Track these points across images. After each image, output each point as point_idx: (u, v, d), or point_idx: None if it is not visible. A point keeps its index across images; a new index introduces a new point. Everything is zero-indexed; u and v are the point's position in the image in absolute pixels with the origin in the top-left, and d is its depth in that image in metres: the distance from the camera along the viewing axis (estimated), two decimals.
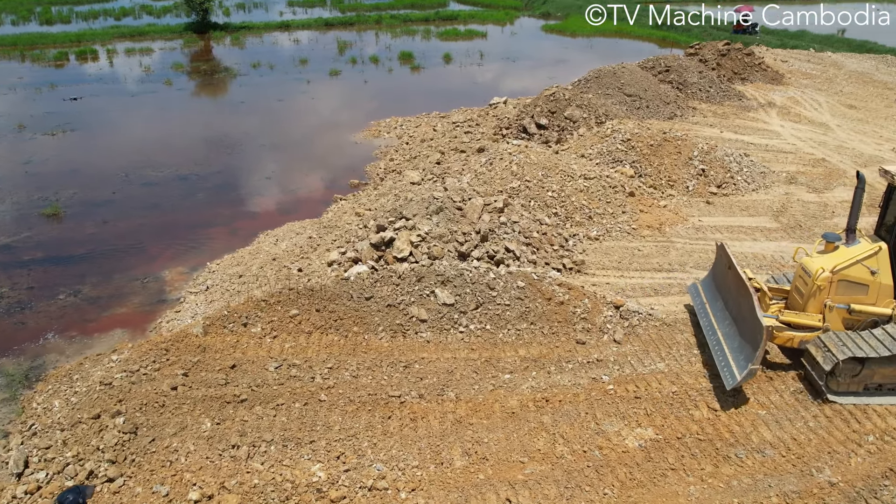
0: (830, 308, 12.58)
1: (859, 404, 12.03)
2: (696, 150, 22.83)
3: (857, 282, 12.43)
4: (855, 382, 12.14)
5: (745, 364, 11.81)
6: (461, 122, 29.98)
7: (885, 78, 38.92)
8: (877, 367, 11.98)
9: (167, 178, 25.32)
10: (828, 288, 12.50)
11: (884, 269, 12.36)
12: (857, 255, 12.41)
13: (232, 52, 50.91)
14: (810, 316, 12.84)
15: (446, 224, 16.22)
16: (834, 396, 12.13)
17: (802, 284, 12.99)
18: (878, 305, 12.52)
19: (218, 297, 16.47)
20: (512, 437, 11.26)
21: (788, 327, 12.94)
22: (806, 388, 12.46)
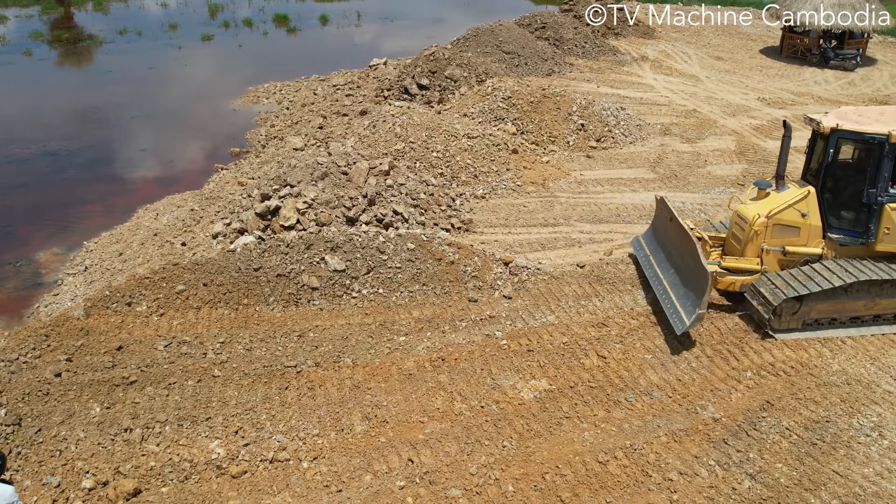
0: (767, 251, 13.45)
1: (800, 339, 13.01)
2: (574, 105, 23.32)
3: (790, 225, 13.33)
4: (795, 319, 13.07)
5: (693, 309, 12.44)
6: (342, 84, 29.57)
7: (749, 30, 40.77)
8: (813, 304, 12.93)
9: (34, 154, 23.94)
10: (764, 232, 13.34)
11: (813, 212, 13.27)
12: (789, 199, 13.28)
13: (95, 18, 48.30)
14: (749, 260, 13.68)
15: (332, 189, 16.06)
16: (777, 334, 13.03)
17: (739, 230, 13.78)
18: (809, 246, 13.46)
19: (98, 278, 15.83)
20: (410, 399, 11.37)
21: (729, 272, 13.76)
22: (748, 326, 13.34)
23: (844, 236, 13.36)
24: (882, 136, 12.44)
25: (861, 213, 13.10)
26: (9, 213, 19.86)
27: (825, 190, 13.38)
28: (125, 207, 19.85)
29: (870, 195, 12.81)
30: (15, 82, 33.07)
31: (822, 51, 33.35)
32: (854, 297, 13.06)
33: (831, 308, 13.11)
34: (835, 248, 13.47)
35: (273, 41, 41.70)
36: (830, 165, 13.13)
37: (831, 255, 13.46)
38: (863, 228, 13.12)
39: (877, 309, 13.29)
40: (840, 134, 12.80)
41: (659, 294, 13.74)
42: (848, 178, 13.41)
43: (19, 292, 16.20)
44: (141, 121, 27.43)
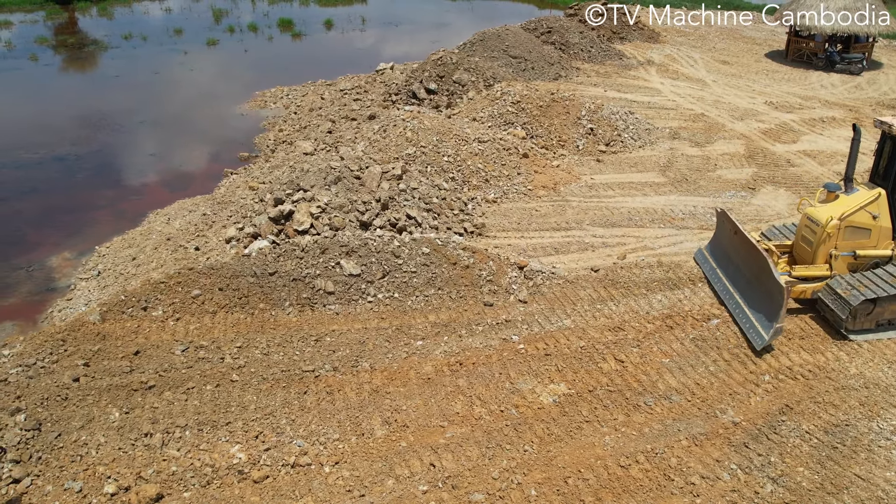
0: (835, 257, 13.57)
1: (872, 339, 13.11)
2: (583, 109, 23.35)
3: (861, 227, 13.46)
4: (869, 320, 13.14)
5: (770, 324, 12.50)
6: (349, 89, 29.59)
7: (753, 34, 40.74)
8: (887, 305, 13.01)
9: (43, 160, 23.93)
10: (836, 234, 13.43)
11: (884, 214, 13.42)
12: (860, 201, 13.39)
13: (100, 23, 48.32)
14: (819, 267, 13.80)
15: (345, 194, 16.06)
16: (853, 335, 13.11)
17: (811, 234, 13.83)
18: (879, 248, 13.61)
19: (112, 282, 15.83)
20: (430, 403, 11.37)
21: (800, 280, 13.82)
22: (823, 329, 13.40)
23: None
24: None
25: None
26: (19, 218, 19.86)
27: (895, 192, 13.50)
28: (136, 212, 19.85)
29: None
30: (21, 87, 33.06)
31: (828, 55, 33.38)
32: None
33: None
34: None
35: (278, 46, 41.74)
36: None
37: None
38: None
39: None
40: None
41: (732, 309, 13.74)
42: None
43: (32, 297, 16.20)
44: (148, 125, 27.43)
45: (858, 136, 13.61)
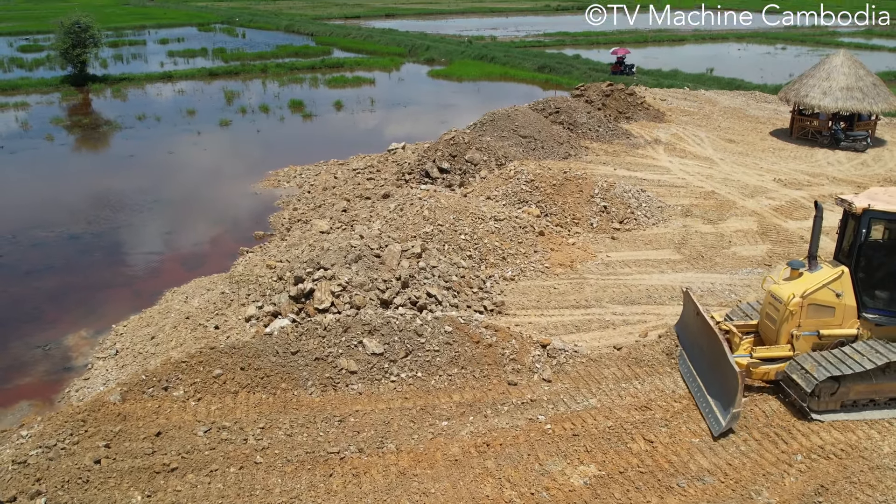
0: (797, 336, 13.37)
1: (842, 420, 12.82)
2: (596, 188, 23.58)
3: (824, 305, 13.26)
4: (833, 401, 12.89)
5: (727, 410, 12.31)
6: (361, 168, 29.95)
7: (756, 113, 41.37)
8: (851, 385, 12.80)
9: (59, 238, 24.13)
10: (799, 312, 13.25)
11: (847, 292, 13.24)
12: (823, 279, 13.25)
13: (114, 104, 49.27)
14: (781, 348, 13.60)
15: (366, 272, 16.08)
16: (817, 416, 12.83)
17: (774, 311, 13.68)
18: (844, 327, 13.38)
19: (130, 361, 15.73)
20: (458, 485, 11.14)
21: (763, 361, 13.60)
22: (789, 410, 13.13)
23: (880, 316, 13.29)
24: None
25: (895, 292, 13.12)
26: (34, 296, 19.90)
27: (859, 269, 13.35)
28: (152, 290, 19.87)
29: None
30: (38, 166, 33.51)
31: (833, 132, 33.86)
32: (892, 378, 12.91)
33: (869, 389, 12.94)
34: (871, 328, 13.36)
35: (290, 126, 42.43)
36: (863, 245, 13.16)
37: (867, 336, 13.34)
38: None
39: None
40: (872, 214, 12.85)
41: (694, 392, 13.57)
42: (882, 258, 13.45)
43: (49, 376, 16.11)
44: (163, 204, 27.69)
45: (820, 213, 13.49)
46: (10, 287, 20.46)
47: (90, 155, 37.71)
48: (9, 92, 51.55)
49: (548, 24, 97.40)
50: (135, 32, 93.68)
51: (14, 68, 62.82)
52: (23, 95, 50.78)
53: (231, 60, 67.25)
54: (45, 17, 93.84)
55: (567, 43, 78.03)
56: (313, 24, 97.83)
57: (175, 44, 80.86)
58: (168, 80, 57.94)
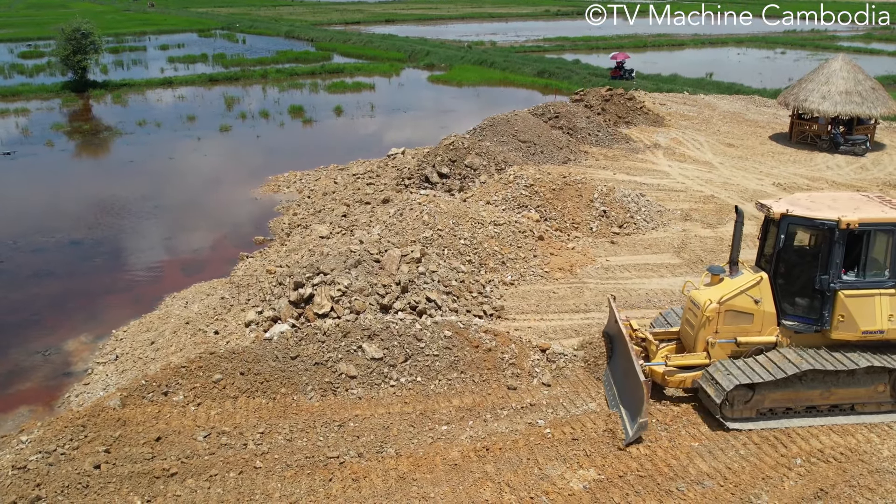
0: (712, 344, 13.13)
1: (755, 429, 12.64)
2: (595, 192, 23.61)
3: (742, 311, 13.04)
4: (748, 408, 12.74)
5: (635, 419, 12.23)
6: (361, 173, 29.99)
7: (755, 117, 41.42)
8: (766, 393, 12.66)
9: (59, 243, 24.17)
10: (716, 319, 13.03)
11: (766, 298, 13.00)
12: (740, 285, 13.02)
13: (114, 110, 49.34)
14: (697, 355, 13.36)
15: (365, 277, 16.10)
16: (731, 423, 12.66)
17: (693, 317, 13.47)
18: (763, 333, 13.14)
19: (130, 367, 15.75)
20: (458, 490, 11.15)
21: (680, 369, 13.39)
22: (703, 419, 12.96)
23: (799, 323, 13.07)
24: (831, 221, 12.32)
25: (814, 299, 12.88)
26: (35, 302, 19.92)
27: (778, 276, 13.17)
28: (152, 296, 19.91)
29: (822, 281, 12.61)
30: (38, 172, 33.59)
31: (832, 137, 33.88)
32: (809, 387, 12.76)
33: (785, 397, 12.78)
34: (790, 335, 13.14)
35: (290, 132, 42.49)
36: (782, 251, 12.97)
37: (786, 343, 13.13)
38: (817, 315, 12.86)
39: (833, 399, 12.94)
40: (790, 219, 12.66)
41: (609, 400, 13.43)
42: (801, 264, 13.25)
43: (49, 382, 16.11)
44: (164, 210, 27.74)
45: (741, 218, 13.33)
46: (11, 293, 20.49)
47: (90, 161, 37.77)
48: (9, 98, 51.66)
49: (547, 30, 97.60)
50: (135, 38, 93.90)
51: (15, 74, 62.95)
52: (23, 101, 50.86)
53: (231, 66, 67.35)
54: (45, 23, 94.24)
55: (566, 48, 78.19)
56: (313, 29, 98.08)
57: (175, 50, 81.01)
58: (168, 85, 58.04)
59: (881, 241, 12.73)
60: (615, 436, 12.37)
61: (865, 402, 13.06)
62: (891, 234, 12.61)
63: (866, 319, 12.62)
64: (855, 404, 13.08)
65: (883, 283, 12.72)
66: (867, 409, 13.12)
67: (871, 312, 12.63)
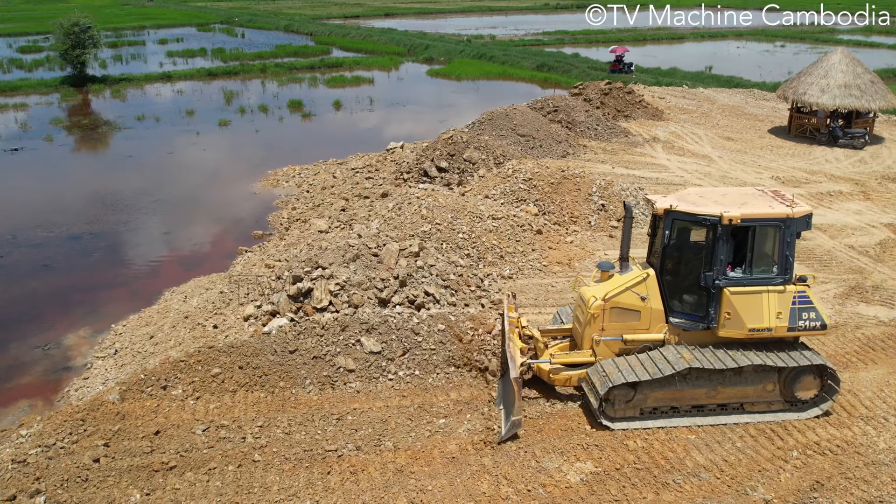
0: (597, 342, 12.98)
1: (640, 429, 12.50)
2: (594, 186, 23.63)
3: (629, 308, 12.85)
4: (630, 408, 12.60)
5: (509, 418, 12.20)
6: (360, 167, 30.01)
7: (754, 111, 41.41)
8: (648, 392, 12.48)
9: (59, 238, 24.18)
10: (601, 316, 12.86)
11: (653, 295, 12.81)
12: (626, 282, 12.87)
13: (113, 104, 49.34)
14: (582, 353, 13.25)
15: (364, 271, 16.13)
16: (613, 423, 12.51)
17: (581, 314, 13.32)
18: (651, 331, 12.96)
19: (129, 361, 15.79)
20: (455, 483, 11.20)
21: (567, 367, 13.29)
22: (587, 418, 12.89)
23: (686, 321, 12.86)
24: (714, 217, 12.06)
25: (701, 296, 12.65)
26: (34, 296, 19.97)
27: (665, 272, 13.00)
28: (151, 290, 19.93)
29: (707, 278, 12.37)
30: (37, 167, 33.58)
31: (831, 130, 33.89)
32: (694, 386, 12.58)
33: (669, 396, 12.61)
34: (678, 333, 12.93)
35: (289, 126, 42.49)
36: (668, 247, 12.79)
37: (674, 341, 12.93)
38: (703, 313, 12.65)
39: (719, 398, 12.74)
40: (674, 215, 12.44)
41: (496, 398, 13.35)
42: (687, 261, 13.04)
43: (48, 376, 16.16)
44: (163, 204, 27.74)
45: (630, 213, 13.15)
46: (10, 287, 20.53)
47: (89, 155, 37.76)
48: (8, 93, 51.62)
49: (547, 23, 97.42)
50: (134, 33, 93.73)
51: (13, 69, 62.89)
52: (22, 96, 50.86)
53: (230, 60, 67.30)
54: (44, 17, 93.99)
55: (566, 42, 78.03)
56: (312, 23, 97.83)
57: (174, 44, 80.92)
58: (167, 80, 57.99)
59: (768, 238, 12.46)
60: (611, 429, 12.44)
61: (755, 401, 12.83)
62: (778, 229, 12.29)
63: (753, 317, 12.34)
64: (744, 403, 12.85)
65: (771, 280, 12.46)
66: (757, 409, 12.89)
67: (758, 310, 12.35)
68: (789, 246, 12.36)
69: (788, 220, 12.17)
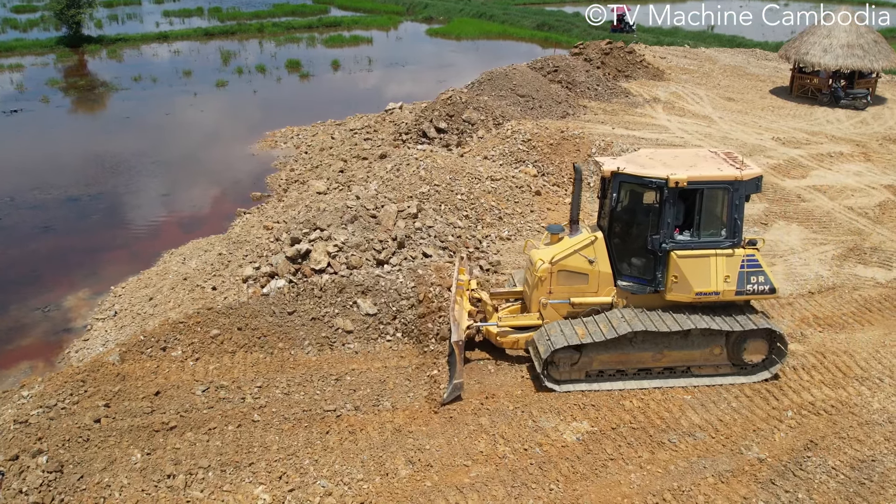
0: (544, 305, 12.91)
1: (588, 391, 12.52)
2: (593, 147, 23.52)
3: (577, 272, 12.74)
4: (576, 370, 12.60)
5: (451, 380, 12.23)
6: (359, 129, 29.86)
7: (756, 71, 41.07)
8: (594, 355, 12.47)
9: (57, 200, 24.15)
10: (549, 279, 12.76)
11: (601, 258, 12.68)
12: (574, 244, 12.75)
13: (110, 65, 48.91)
14: (529, 316, 13.20)
15: (362, 233, 16.13)
16: (557, 385, 12.54)
17: (530, 276, 13.22)
18: (600, 294, 12.87)
19: (129, 322, 15.87)
20: (453, 442, 11.31)
21: (514, 330, 13.25)
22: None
23: (634, 284, 12.73)
24: (661, 179, 11.85)
25: (648, 260, 12.50)
26: (33, 258, 20.00)
27: (613, 235, 12.83)
28: (150, 252, 19.97)
29: (654, 241, 12.21)
30: (34, 128, 33.39)
31: (833, 90, 33.64)
32: (640, 349, 12.56)
33: (615, 359, 12.59)
34: (626, 296, 12.82)
35: (287, 86, 42.19)
36: (615, 210, 12.63)
37: (622, 305, 12.83)
38: (651, 276, 12.50)
39: (665, 361, 12.70)
40: (621, 177, 12.24)
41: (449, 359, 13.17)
42: (635, 224, 12.89)
43: (49, 338, 16.26)
44: (161, 166, 27.65)
45: (580, 175, 12.95)
46: (9, 249, 20.56)
47: (87, 117, 37.52)
48: (3, 53, 51.14)
49: None
50: None
51: (8, 29, 62.20)
52: (17, 57, 50.35)
53: (227, 20, 66.54)
54: None
55: (567, 1, 77.13)
56: None
57: (170, 3, 79.89)
58: (164, 40, 57.41)
59: (716, 201, 12.26)
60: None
61: (702, 364, 12.80)
62: (726, 192, 12.08)
63: (700, 281, 12.21)
64: (691, 367, 12.83)
65: (719, 244, 12.29)
66: (704, 372, 12.86)
67: (705, 274, 12.21)
68: (738, 209, 12.17)
69: (737, 182, 11.97)
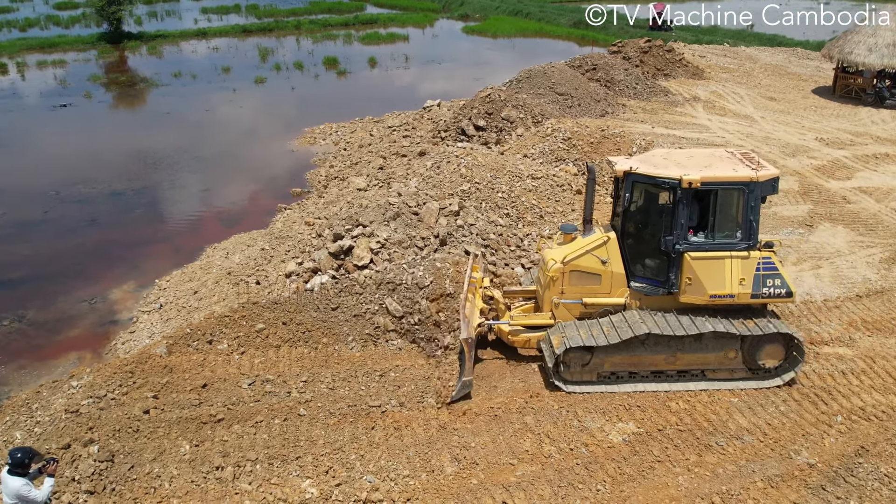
0: (556, 304, 12.78)
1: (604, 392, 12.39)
2: (634, 146, 23.37)
3: (589, 272, 12.60)
4: (588, 372, 12.46)
5: (461, 378, 12.11)
6: (397, 126, 29.91)
7: (798, 70, 40.53)
8: (605, 356, 12.30)
9: (101, 194, 24.48)
10: (561, 279, 12.63)
11: (614, 259, 12.53)
12: (586, 244, 12.60)
13: (150, 61, 49.50)
14: (542, 316, 13.09)
15: (404, 229, 16.17)
16: (568, 386, 12.41)
17: (543, 276, 13.11)
18: (613, 295, 12.71)
19: (174, 315, 16.05)
20: (498, 440, 11.30)
21: (527, 329, 13.14)
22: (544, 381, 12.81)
23: (647, 286, 12.54)
24: (674, 180, 11.64)
25: (662, 261, 12.29)
26: (79, 252, 20.30)
27: (626, 236, 12.65)
28: (192, 246, 20.17)
29: (667, 242, 12.02)
30: (77, 123, 33.93)
31: (878, 90, 33.09)
32: (653, 351, 12.33)
33: (627, 361, 12.39)
34: (639, 297, 12.63)
35: (324, 83, 42.41)
36: (628, 210, 12.46)
37: (636, 306, 12.64)
38: (664, 278, 12.30)
39: (679, 364, 12.48)
40: (634, 177, 12.06)
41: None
42: (648, 225, 12.72)
43: (96, 329, 16.51)
44: (202, 161, 27.94)
45: (593, 175, 12.74)
46: (56, 242, 20.87)
47: (128, 112, 38.04)
48: (47, 49, 52.02)
49: None
50: None
51: (51, 26, 63.23)
52: (60, 53, 51.19)
53: (264, 17, 67.08)
54: None
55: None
56: None
57: (208, 0, 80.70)
58: (202, 37, 58.02)
59: (731, 202, 12.08)
60: (655, 391, 12.45)
61: (716, 368, 12.58)
62: (742, 193, 11.87)
63: (715, 283, 12.02)
64: (705, 370, 12.62)
65: (734, 246, 12.12)
66: (718, 376, 12.64)
67: (720, 276, 12.03)
68: (753, 210, 11.97)
69: (752, 183, 11.76)
